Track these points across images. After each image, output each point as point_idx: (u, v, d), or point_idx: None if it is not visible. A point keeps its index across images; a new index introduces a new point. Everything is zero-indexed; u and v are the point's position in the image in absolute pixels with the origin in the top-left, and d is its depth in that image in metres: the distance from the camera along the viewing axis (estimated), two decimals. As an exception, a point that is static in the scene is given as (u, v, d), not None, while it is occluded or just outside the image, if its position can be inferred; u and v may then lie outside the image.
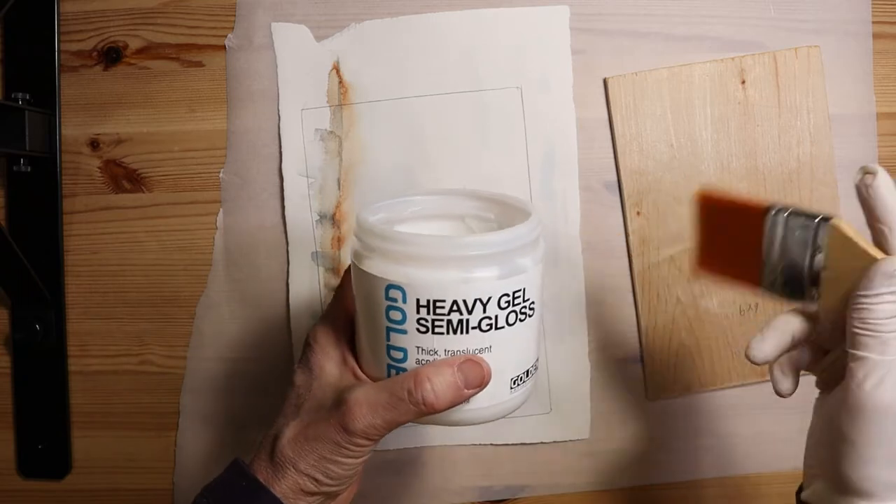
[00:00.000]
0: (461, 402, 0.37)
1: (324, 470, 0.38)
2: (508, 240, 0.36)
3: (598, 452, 0.58)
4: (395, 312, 0.36)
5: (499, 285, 0.35)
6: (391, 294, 0.35)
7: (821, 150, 0.57)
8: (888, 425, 0.34)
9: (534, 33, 0.56)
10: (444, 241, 0.36)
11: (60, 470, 0.59)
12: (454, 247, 0.35)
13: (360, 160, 0.56)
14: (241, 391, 0.58)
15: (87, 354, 0.59)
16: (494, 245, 0.35)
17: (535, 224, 0.37)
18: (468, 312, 0.35)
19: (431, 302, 0.35)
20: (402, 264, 0.35)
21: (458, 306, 0.35)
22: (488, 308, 0.35)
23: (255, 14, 0.56)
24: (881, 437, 0.34)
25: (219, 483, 0.39)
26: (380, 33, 0.56)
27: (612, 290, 0.57)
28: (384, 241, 0.36)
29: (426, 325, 0.35)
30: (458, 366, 0.36)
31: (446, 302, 0.35)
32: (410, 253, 0.35)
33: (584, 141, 0.57)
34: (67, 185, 0.58)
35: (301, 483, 0.38)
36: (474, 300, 0.35)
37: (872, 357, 0.34)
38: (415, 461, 0.58)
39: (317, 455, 0.38)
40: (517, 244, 0.36)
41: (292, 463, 0.38)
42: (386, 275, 0.35)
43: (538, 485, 0.58)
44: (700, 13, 0.57)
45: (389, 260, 0.36)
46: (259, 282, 0.58)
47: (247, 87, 0.57)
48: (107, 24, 0.57)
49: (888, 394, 0.33)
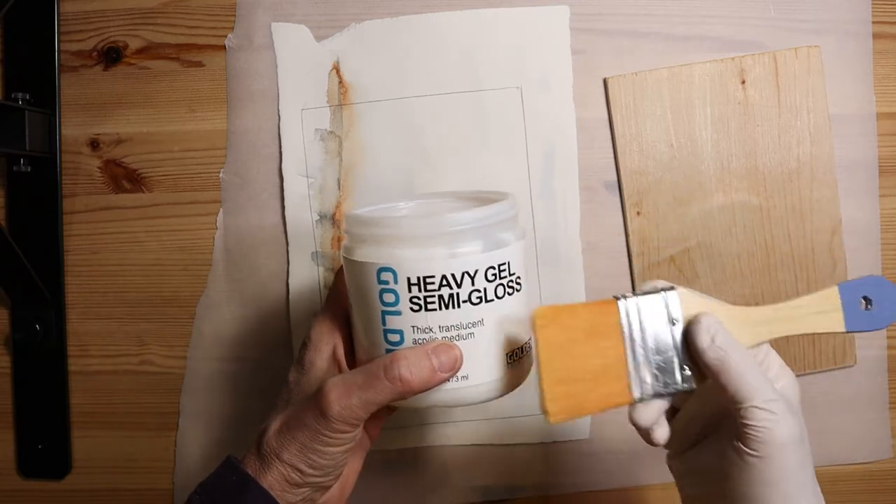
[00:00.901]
0: (436, 384, 0.37)
1: (307, 460, 0.38)
2: (488, 215, 0.38)
3: (598, 452, 0.58)
4: (389, 294, 0.37)
5: (483, 258, 0.37)
6: (383, 277, 0.37)
7: (821, 150, 0.57)
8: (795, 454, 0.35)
9: (534, 33, 0.56)
10: (428, 220, 0.38)
11: (60, 470, 0.59)
12: (438, 224, 0.37)
13: (360, 160, 0.56)
14: (241, 391, 0.58)
15: (87, 354, 0.59)
16: (475, 220, 0.37)
17: (513, 203, 0.40)
18: (457, 286, 0.37)
19: (422, 279, 0.37)
20: (391, 246, 0.37)
21: (447, 280, 0.37)
22: (476, 281, 0.37)
23: (255, 14, 0.56)
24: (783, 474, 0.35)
25: (211, 479, 0.40)
26: (380, 33, 0.56)
27: (612, 290, 0.57)
28: (372, 227, 0.38)
29: (419, 302, 0.37)
30: (433, 348, 0.37)
31: (436, 277, 0.37)
32: (398, 234, 0.37)
33: (584, 141, 0.57)
34: (67, 185, 0.58)
35: (286, 474, 0.38)
36: (462, 273, 0.37)
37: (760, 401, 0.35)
38: (415, 461, 0.58)
39: (298, 444, 0.38)
40: (497, 219, 0.38)
41: (276, 454, 0.38)
42: (377, 259, 0.37)
43: (538, 485, 0.58)
44: (700, 13, 0.57)
45: (379, 245, 0.38)
46: (259, 282, 0.58)
47: (247, 87, 0.57)
48: (107, 24, 0.57)
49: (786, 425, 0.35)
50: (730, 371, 0.35)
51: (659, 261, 0.57)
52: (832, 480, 0.59)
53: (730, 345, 0.36)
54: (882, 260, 0.58)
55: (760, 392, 0.35)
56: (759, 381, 0.35)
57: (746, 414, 0.35)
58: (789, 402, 0.36)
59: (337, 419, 0.37)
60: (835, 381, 0.58)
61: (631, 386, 0.37)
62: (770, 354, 0.39)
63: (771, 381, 0.36)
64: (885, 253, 0.58)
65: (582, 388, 0.36)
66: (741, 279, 0.57)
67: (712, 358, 0.36)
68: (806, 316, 0.38)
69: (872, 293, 0.38)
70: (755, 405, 0.35)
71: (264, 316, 0.58)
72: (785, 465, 0.35)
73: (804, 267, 0.57)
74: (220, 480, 0.39)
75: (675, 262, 0.57)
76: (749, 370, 0.36)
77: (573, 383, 0.36)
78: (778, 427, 0.34)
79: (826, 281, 0.57)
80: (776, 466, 0.35)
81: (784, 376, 0.38)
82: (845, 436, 0.58)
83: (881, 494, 0.59)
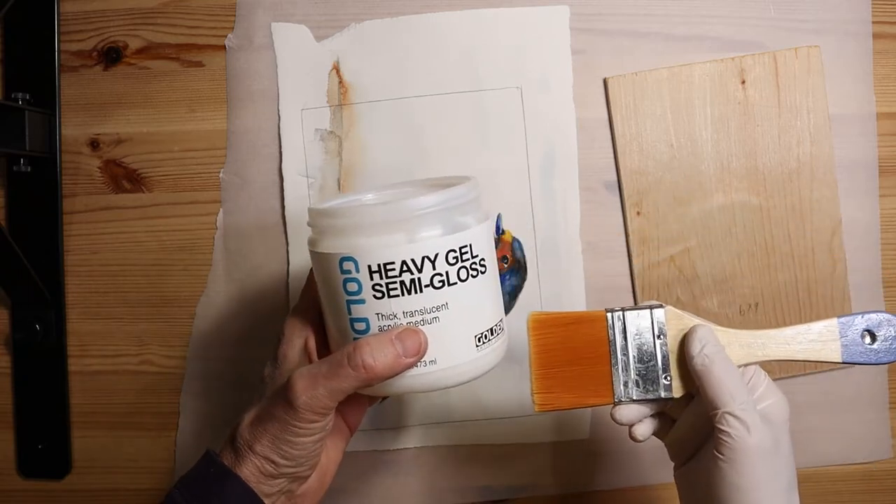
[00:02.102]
0: (402, 370, 0.38)
1: (278, 451, 0.38)
2: (447, 199, 0.38)
3: (598, 452, 0.58)
4: (352, 283, 0.38)
5: (443, 242, 0.37)
6: (345, 266, 0.37)
7: (821, 150, 0.57)
8: (764, 466, 0.37)
9: (534, 33, 0.56)
10: (387, 207, 0.37)
11: (60, 470, 0.59)
12: (396, 210, 0.37)
13: (360, 160, 0.56)
14: (241, 391, 0.58)
15: (87, 354, 0.59)
16: (434, 205, 0.37)
17: (473, 185, 0.40)
18: (418, 271, 0.37)
19: (382, 266, 0.37)
20: (351, 236, 0.37)
21: (407, 266, 0.37)
22: (437, 265, 0.37)
23: (255, 14, 0.56)
24: (752, 481, 0.37)
25: (191, 473, 0.40)
26: (380, 33, 0.56)
27: (612, 290, 0.57)
28: (332, 218, 0.38)
29: (381, 289, 0.37)
30: (397, 335, 0.37)
31: (396, 263, 0.37)
32: (357, 223, 0.37)
33: (584, 141, 0.57)
34: (67, 185, 0.58)
35: (260, 466, 0.39)
36: (422, 258, 0.37)
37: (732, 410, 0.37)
38: (415, 461, 0.58)
39: (270, 436, 0.38)
40: (456, 202, 0.38)
41: (249, 446, 0.39)
42: (338, 249, 0.37)
43: (538, 485, 0.58)
44: (700, 13, 0.57)
45: (339, 235, 0.38)
46: (259, 282, 0.58)
47: (247, 87, 0.57)
48: (107, 24, 0.57)
49: (756, 437, 0.37)
50: (711, 378, 0.38)
51: (659, 261, 0.57)
52: (832, 480, 0.59)
53: (716, 355, 0.39)
54: (882, 260, 0.58)
55: (735, 400, 0.37)
56: (735, 391, 0.37)
57: (720, 420, 0.37)
58: (769, 419, 0.38)
59: (304, 409, 0.37)
60: (835, 381, 0.58)
61: (613, 388, 0.41)
62: (759, 374, 0.40)
63: (749, 393, 0.38)
64: (885, 253, 0.58)
65: (567, 386, 0.41)
66: (741, 279, 0.57)
67: (698, 364, 0.38)
68: (803, 343, 0.40)
69: (878, 329, 0.39)
70: (728, 411, 0.37)
71: (264, 316, 0.58)
72: (754, 473, 0.37)
73: (804, 267, 0.57)
74: (199, 474, 0.40)
75: (675, 262, 0.57)
76: (729, 380, 0.38)
77: (560, 380, 0.41)
78: (748, 435, 0.37)
79: (826, 281, 0.57)
80: (745, 473, 0.37)
81: (771, 396, 0.40)
82: (845, 436, 0.58)
83: (881, 494, 0.59)
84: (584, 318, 0.41)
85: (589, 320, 0.41)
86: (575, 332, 0.41)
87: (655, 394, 0.41)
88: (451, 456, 0.58)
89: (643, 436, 0.42)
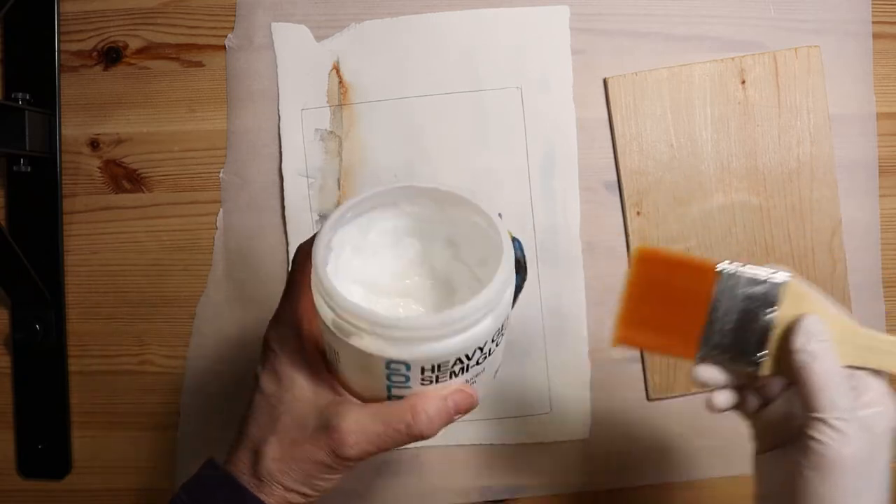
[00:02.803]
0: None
1: (311, 485, 0.38)
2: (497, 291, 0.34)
3: (598, 452, 0.58)
4: (398, 377, 0.35)
5: (492, 326, 0.35)
6: (393, 366, 0.34)
7: (821, 150, 0.57)
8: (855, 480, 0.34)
9: (534, 33, 0.56)
10: (441, 320, 0.33)
11: (60, 470, 0.59)
12: (452, 322, 0.33)
13: (360, 160, 0.56)
14: (241, 391, 0.58)
15: (87, 354, 0.59)
16: (486, 305, 0.34)
17: (510, 266, 0.35)
18: (468, 360, 0.35)
19: (436, 365, 0.35)
20: (404, 345, 0.34)
21: (461, 360, 0.35)
22: (485, 347, 0.36)
23: (255, 14, 0.56)
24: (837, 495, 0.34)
25: (198, 483, 0.39)
26: (380, 33, 0.56)
27: (612, 290, 0.57)
28: (386, 328, 0.33)
29: (430, 378, 0.35)
30: (450, 395, 0.36)
31: (450, 361, 0.35)
32: (409, 336, 0.33)
33: (584, 141, 0.57)
34: (67, 185, 0.58)
35: (288, 497, 0.38)
36: (474, 350, 0.35)
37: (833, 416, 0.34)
38: (415, 461, 0.58)
39: (304, 474, 0.38)
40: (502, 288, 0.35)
41: (279, 481, 0.38)
42: (387, 354, 0.34)
43: (538, 485, 0.58)
44: (700, 13, 0.57)
45: (390, 342, 0.33)
46: (259, 282, 0.58)
47: (247, 87, 0.57)
48: (107, 24, 0.57)
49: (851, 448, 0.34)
50: (810, 379, 0.35)
51: (659, 261, 0.57)
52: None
53: (822, 354, 0.35)
54: (882, 260, 0.58)
55: (833, 408, 0.34)
56: (836, 398, 0.34)
57: (812, 426, 0.34)
58: (869, 427, 0.35)
59: (353, 459, 0.37)
60: None
61: (700, 345, 0.38)
62: (869, 379, 0.37)
63: (853, 398, 0.35)
64: (885, 253, 0.58)
65: (652, 326, 0.39)
66: (741, 279, 0.57)
67: (798, 360, 0.35)
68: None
69: None
70: (823, 419, 0.34)
71: (264, 316, 0.57)
72: (841, 485, 0.34)
73: (804, 267, 0.57)
74: (210, 487, 0.39)
75: (675, 262, 0.57)
76: (830, 384, 0.35)
77: (646, 320, 0.39)
78: (840, 447, 0.34)
79: (826, 281, 0.57)
80: (832, 484, 0.34)
81: (878, 404, 0.36)
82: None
83: (881, 494, 0.59)
84: (694, 266, 0.38)
85: (698, 269, 0.38)
86: (678, 275, 0.38)
87: (743, 366, 0.37)
88: (451, 456, 0.58)
89: (720, 406, 0.39)
